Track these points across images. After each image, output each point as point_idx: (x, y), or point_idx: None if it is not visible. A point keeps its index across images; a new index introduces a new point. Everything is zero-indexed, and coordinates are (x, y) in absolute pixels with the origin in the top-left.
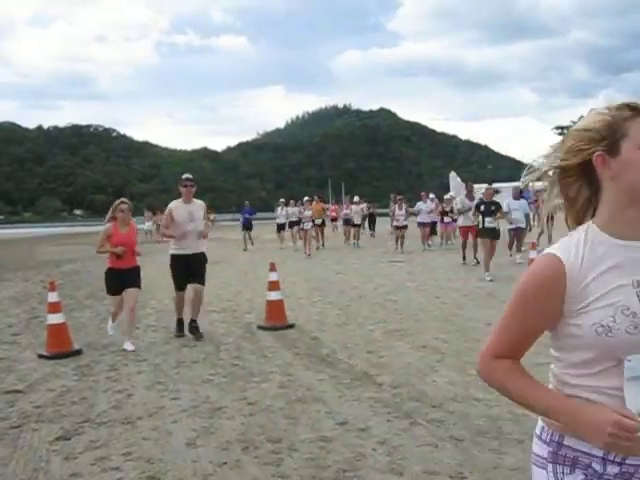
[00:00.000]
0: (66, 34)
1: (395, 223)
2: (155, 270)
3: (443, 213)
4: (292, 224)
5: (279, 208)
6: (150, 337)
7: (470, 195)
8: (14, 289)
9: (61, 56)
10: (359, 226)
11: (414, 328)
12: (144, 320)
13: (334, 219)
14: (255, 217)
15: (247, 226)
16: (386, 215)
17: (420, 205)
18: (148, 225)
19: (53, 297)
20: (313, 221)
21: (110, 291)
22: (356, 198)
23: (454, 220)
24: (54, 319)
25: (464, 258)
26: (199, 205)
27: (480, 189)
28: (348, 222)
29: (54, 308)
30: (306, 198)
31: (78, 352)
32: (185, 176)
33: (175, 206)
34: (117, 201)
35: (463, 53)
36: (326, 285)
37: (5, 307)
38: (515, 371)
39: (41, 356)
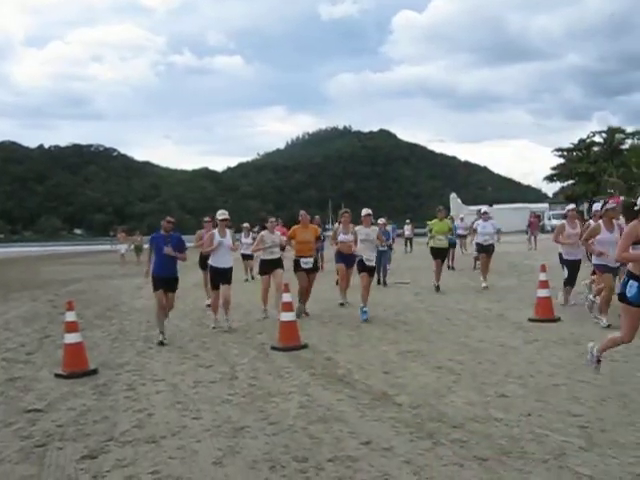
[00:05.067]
0: (62, 53)
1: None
2: None
3: None
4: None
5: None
6: (165, 357)
7: None
8: (22, 308)
9: (58, 75)
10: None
11: (427, 349)
12: (157, 340)
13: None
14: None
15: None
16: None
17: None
18: (123, 247)
19: (70, 316)
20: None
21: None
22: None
23: None
24: (71, 338)
25: None
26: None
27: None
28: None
29: (71, 327)
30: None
31: (94, 371)
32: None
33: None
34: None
35: (457, 76)
36: (334, 306)
37: (16, 326)
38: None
39: (58, 375)
